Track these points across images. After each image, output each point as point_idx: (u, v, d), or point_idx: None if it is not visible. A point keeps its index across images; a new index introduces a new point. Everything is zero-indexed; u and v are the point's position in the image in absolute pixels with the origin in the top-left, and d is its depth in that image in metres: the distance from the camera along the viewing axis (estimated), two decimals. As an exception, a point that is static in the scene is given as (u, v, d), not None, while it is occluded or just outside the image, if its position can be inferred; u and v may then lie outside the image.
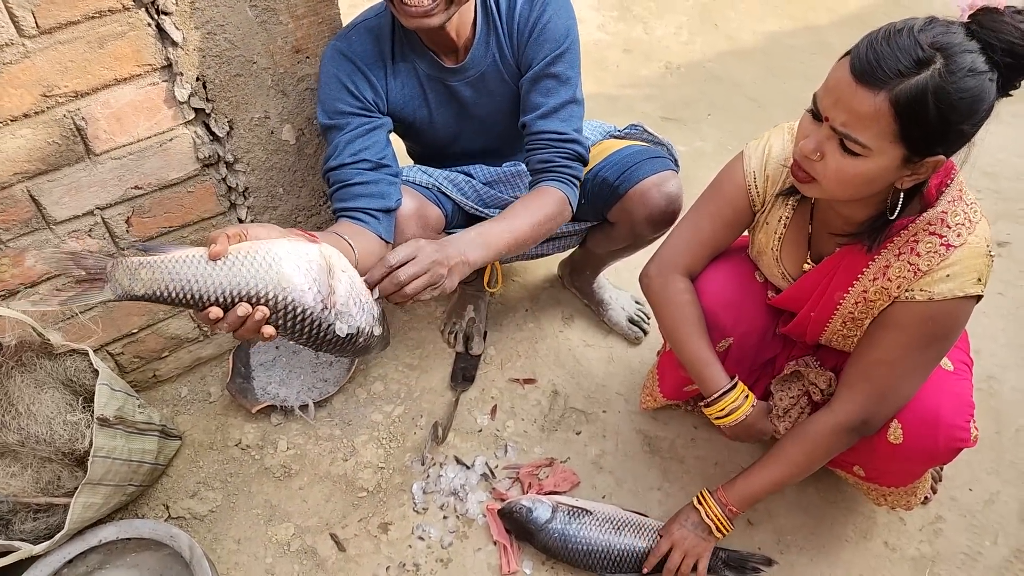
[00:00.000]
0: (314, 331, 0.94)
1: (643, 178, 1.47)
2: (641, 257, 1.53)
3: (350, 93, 1.34)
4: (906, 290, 1.12)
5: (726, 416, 1.32)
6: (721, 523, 1.35)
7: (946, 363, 1.25)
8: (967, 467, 1.63)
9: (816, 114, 1.02)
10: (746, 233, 1.40)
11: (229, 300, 0.89)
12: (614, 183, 1.50)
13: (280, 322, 0.91)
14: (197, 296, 0.88)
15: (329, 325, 0.93)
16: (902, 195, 1.06)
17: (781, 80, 3.00)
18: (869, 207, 1.12)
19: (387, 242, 1.35)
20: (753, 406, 1.33)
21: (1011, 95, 0.97)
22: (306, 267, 0.92)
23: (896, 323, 1.16)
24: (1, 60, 1.13)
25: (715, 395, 1.32)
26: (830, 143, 1.01)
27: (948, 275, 1.08)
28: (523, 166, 1.63)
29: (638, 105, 2.83)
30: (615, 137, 1.70)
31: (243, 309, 0.88)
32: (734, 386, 1.32)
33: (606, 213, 1.58)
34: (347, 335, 0.96)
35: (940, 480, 1.60)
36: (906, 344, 1.15)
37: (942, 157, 0.98)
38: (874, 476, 1.36)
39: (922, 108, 0.92)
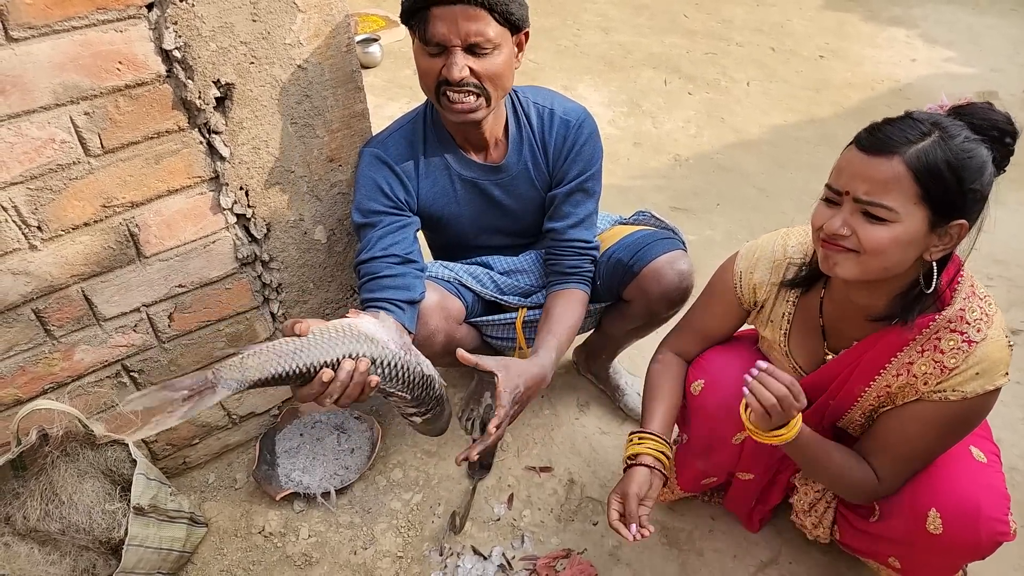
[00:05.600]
0: (407, 373, 1.07)
1: (655, 257, 1.56)
2: (654, 343, 1.58)
3: (384, 194, 1.46)
4: (935, 390, 1.16)
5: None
6: None
7: (979, 455, 1.26)
8: (994, 563, 1.55)
9: (831, 199, 1.08)
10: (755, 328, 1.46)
11: (334, 361, 0.99)
12: (628, 263, 1.59)
13: (379, 371, 1.02)
14: (305, 367, 0.98)
15: (416, 366, 1.06)
16: (935, 266, 1.09)
17: (788, 171, 3.12)
18: (892, 289, 1.14)
19: (410, 331, 1.43)
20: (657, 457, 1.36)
21: (1004, 171, 1.06)
22: (380, 326, 1.05)
23: (930, 422, 1.19)
24: (68, 176, 1.25)
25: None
26: (855, 217, 1.05)
27: (978, 372, 1.13)
28: (537, 254, 1.73)
29: (648, 196, 2.95)
30: (624, 223, 1.80)
31: (348, 364, 0.98)
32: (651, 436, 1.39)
33: (621, 292, 1.65)
34: (428, 375, 1.10)
35: (968, 578, 1.57)
36: (938, 439, 1.21)
37: (965, 223, 1.04)
38: (911, 569, 1.35)
39: (936, 167, 1.00)
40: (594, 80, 3.86)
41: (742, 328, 1.51)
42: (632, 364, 2.07)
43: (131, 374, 1.54)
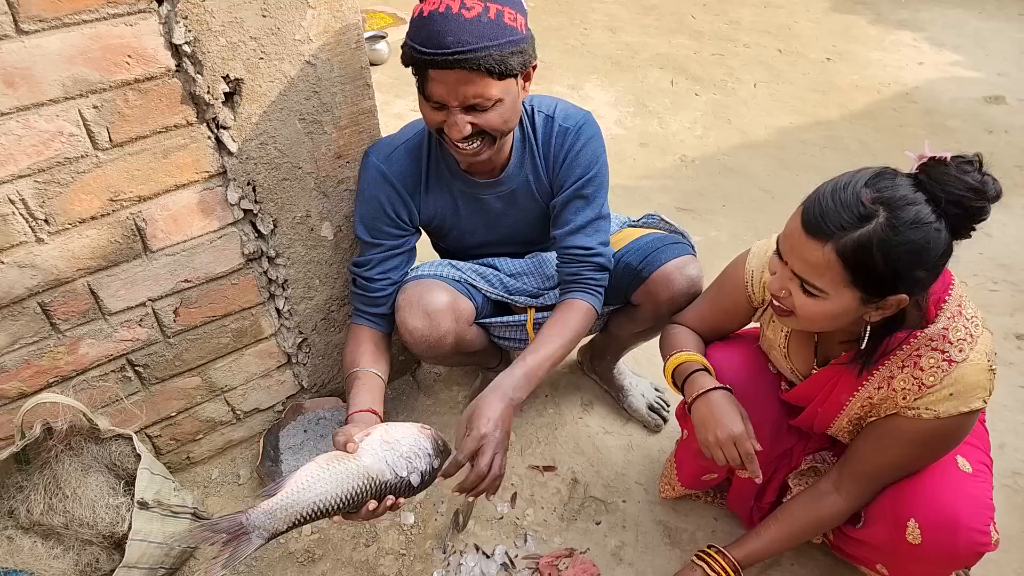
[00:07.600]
0: (401, 489, 1.20)
1: (665, 262, 1.55)
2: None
3: (389, 217, 1.51)
4: (910, 407, 1.17)
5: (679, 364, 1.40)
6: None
7: (965, 465, 1.26)
8: (995, 567, 1.59)
9: (780, 256, 1.12)
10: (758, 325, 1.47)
11: (351, 496, 1.14)
12: (637, 267, 1.58)
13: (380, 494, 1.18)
14: (325, 510, 1.11)
15: (408, 484, 1.21)
16: (868, 328, 1.14)
17: (793, 172, 3.12)
18: (844, 333, 1.21)
19: (387, 335, 1.60)
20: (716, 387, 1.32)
21: (970, 236, 1.03)
22: (382, 457, 1.19)
23: (904, 439, 1.21)
24: (76, 170, 1.25)
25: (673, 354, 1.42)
26: (792, 283, 1.10)
27: (951, 393, 1.13)
28: (544, 256, 1.73)
29: (654, 196, 2.94)
30: (633, 226, 1.80)
31: (388, 501, 1.18)
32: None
33: (630, 296, 1.65)
34: (419, 483, 1.22)
35: (968, 582, 1.57)
36: (912, 455, 1.23)
37: (904, 296, 1.04)
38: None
39: (867, 258, 0.99)
40: (601, 80, 3.85)
41: (745, 327, 1.52)
42: (636, 365, 2.07)
43: (136, 368, 1.54)
